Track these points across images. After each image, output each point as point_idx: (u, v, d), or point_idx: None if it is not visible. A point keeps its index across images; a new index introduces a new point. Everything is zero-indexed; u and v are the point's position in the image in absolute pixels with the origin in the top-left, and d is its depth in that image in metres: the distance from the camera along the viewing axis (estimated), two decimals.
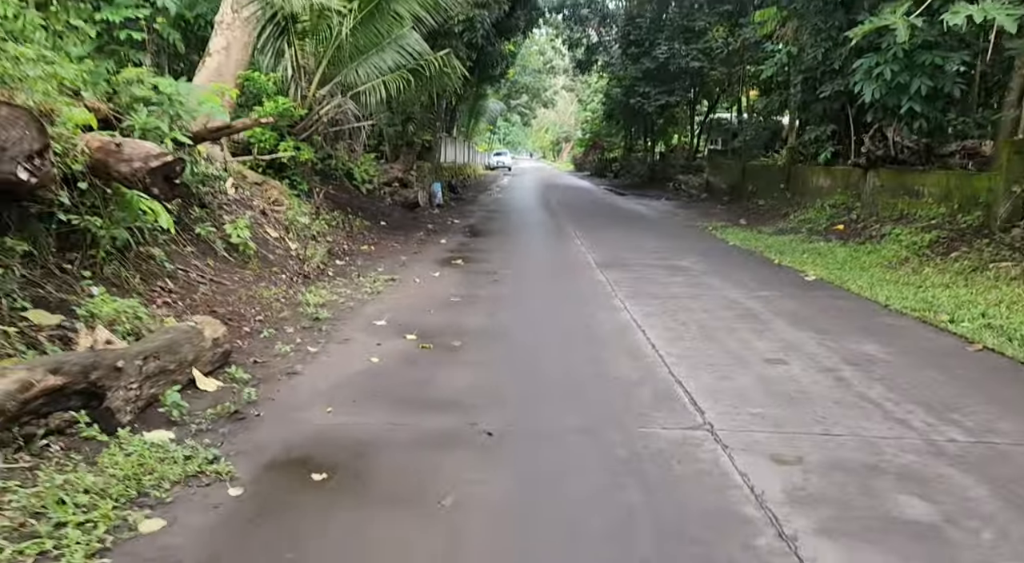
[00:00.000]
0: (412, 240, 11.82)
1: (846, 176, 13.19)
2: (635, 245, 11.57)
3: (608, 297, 7.31)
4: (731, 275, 8.66)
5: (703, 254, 10.47)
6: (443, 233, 13.11)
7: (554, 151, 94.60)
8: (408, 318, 6.27)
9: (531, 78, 57.59)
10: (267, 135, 10.32)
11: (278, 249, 8.39)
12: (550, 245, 11.97)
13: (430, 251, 10.72)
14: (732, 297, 7.31)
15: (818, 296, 7.36)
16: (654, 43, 26.82)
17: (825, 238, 11.48)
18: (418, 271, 8.85)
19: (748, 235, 12.54)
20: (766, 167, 17.76)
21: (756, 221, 15.06)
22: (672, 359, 5.01)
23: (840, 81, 12.46)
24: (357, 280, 7.97)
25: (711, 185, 22.99)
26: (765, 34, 13.57)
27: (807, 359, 5.03)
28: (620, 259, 9.98)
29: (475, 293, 7.51)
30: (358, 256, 9.86)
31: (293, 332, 5.55)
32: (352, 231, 11.44)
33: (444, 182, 23.71)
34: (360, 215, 12.89)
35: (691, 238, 12.69)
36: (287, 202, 10.10)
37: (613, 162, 43.30)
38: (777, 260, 9.74)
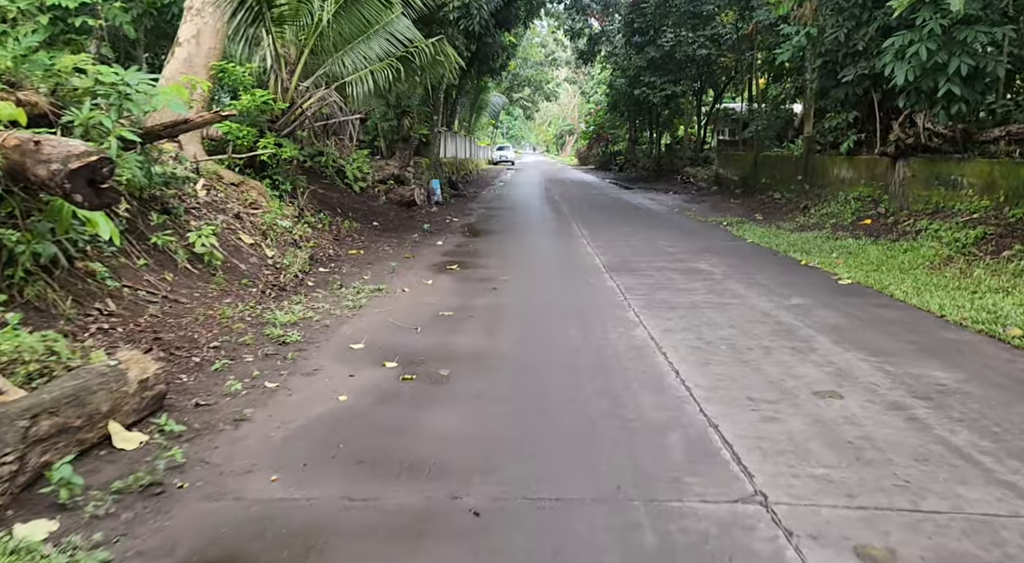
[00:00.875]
0: (406, 242, 10.98)
1: (871, 166, 12.28)
2: (646, 244, 10.70)
3: (621, 308, 6.46)
4: (756, 279, 7.79)
5: (721, 254, 9.60)
6: (440, 233, 12.27)
7: (558, 145, 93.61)
8: (391, 339, 5.44)
9: (533, 71, 56.63)
10: (245, 131, 9.48)
11: (252, 257, 7.57)
12: (554, 246, 11.12)
13: (424, 254, 9.88)
14: (761, 307, 6.45)
15: (859, 304, 6.49)
16: (659, 31, 25.83)
17: (852, 234, 10.58)
18: (409, 279, 8.01)
19: (767, 232, 11.65)
20: (781, 158, 16.83)
21: (773, 216, 14.15)
22: (702, 392, 4.16)
23: (864, 64, 11.54)
24: (339, 291, 7.14)
25: (721, 177, 22.07)
26: (780, 15, 12.64)
27: (865, 390, 4.17)
28: (631, 261, 9.13)
29: (470, 305, 6.67)
30: (344, 262, 9.03)
31: (253, 361, 4.72)
32: (340, 234, 10.62)
33: (444, 178, 22.88)
34: (350, 216, 12.06)
35: (706, 236, 11.81)
36: (267, 204, 9.28)
37: (618, 155, 42.34)
38: (804, 260, 8.86)
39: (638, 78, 27.08)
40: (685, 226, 13.36)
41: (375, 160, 16.87)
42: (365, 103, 10.91)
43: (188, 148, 9.14)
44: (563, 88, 71.10)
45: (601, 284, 7.70)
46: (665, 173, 29.92)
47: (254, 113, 9.65)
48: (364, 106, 11.61)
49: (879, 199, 11.62)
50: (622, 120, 39.38)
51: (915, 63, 8.88)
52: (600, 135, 47.21)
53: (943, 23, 8.61)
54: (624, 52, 30.02)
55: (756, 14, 14.67)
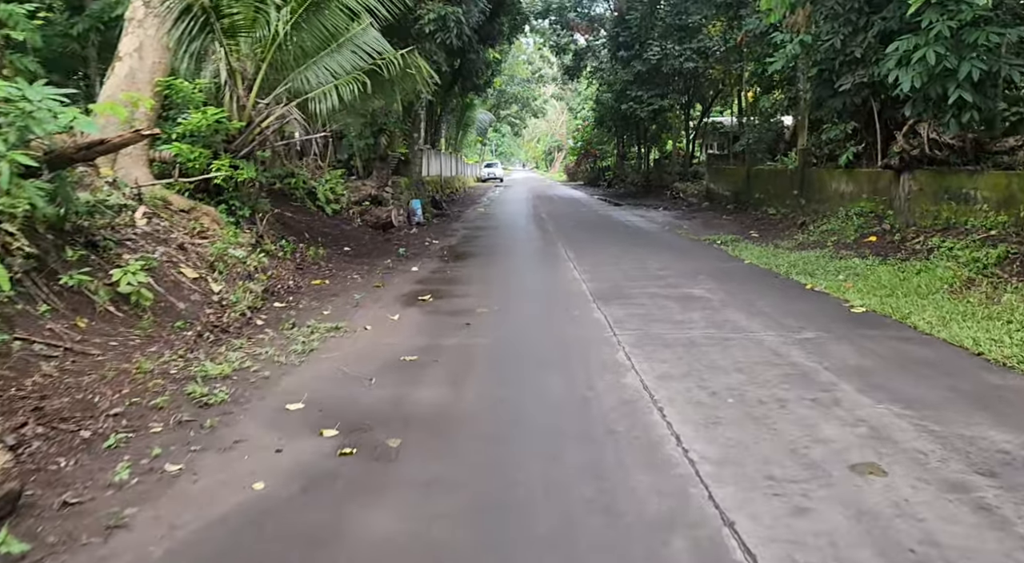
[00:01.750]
0: (377, 269, 10.15)
1: (872, 180, 11.60)
2: (637, 267, 9.92)
3: (609, 347, 5.65)
4: (758, 307, 7.01)
5: (718, 277, 8.83)
6: (416, 258, 11.45)
7: (546, 161, 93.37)
8: (338, 394, 4.60)
9: (520, 87, 56.36)
10: (196, 153, 8.67)
11: (194, 294, 6.72)
12: (538, 271, 10.32)
13: (396, 283, 9.06)
14: (769, 343, 5.65)
15: (879, 338, 5.71)
16: (645, 44, 25.34)
17: (857, 253, 9.85)
18: (374, 313, 7.18)
19: (765, 251, 10.90)
20: (774, 172, 16.18)
21: (769, 233, 13.44)
22: (709, 467, 3.34)
23: (862, 71, 10.90)
24: (289, 331, 6.29)
25: (712, 193, 21.42)
26: (772, 23, 12.02)
27: (912, 462, 3.36)
28: (621, 287, 8.34)
29: (438, 346, 5.84)
30: (305, 294, 8.18)
31: (160, 433, 3.86)
32: (304, 262, 9.78)
33: (427, 198, 22.13)
34: (319, 241, 11.23)
35: (700, 256, 11.06)
36: (220, 232, 8.44)
37: (606, 171, 41.80)
38: (809, 284, 8.10)
39: (625, 92, 26.54)
40: (677, 245, 12.61)
41: (351, 181, 16.09)
42: (331, 120, 10.14)
43: (131, 172, 8.32)
44: (550, 104, 70.94)
45: (588, 316, 6.89)
46: (654, 188, 29.31)
47: (207, 133, 8.84)
48: (330, 123, 10.83)
49: (883, 215, 10.92)
50: (610, 135, 38.89)
51: (922, 68, 8.21)
52: (588, 151, 46.74)
53: (951, 25, 7.95)
54: (610, 66, 29.54)
55: (746, 23, 14.08)
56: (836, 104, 11.72)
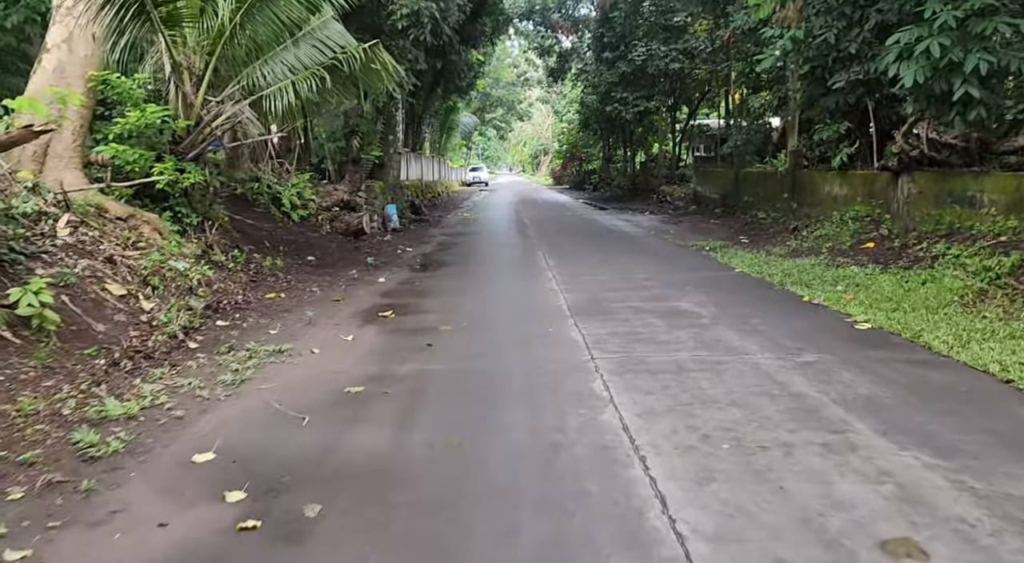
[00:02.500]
0: (341, 281, 9.39)
1: (868, 182, 10.99)
2: (620, 277, 9.24)
3: (586, 374, 4.94)
4: (753, 324, 6.33)
5: (707, 289, 8.16)
6: (385, 268, 10.70)
7: (533, 165, 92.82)
8: (260, 439, 3.86)
9: (505, 91, 55.75)
10: (136, 154, 7.88)
11: (118, 314, 5.93)
12: (515, 281, 9.61)
13: (358, 296, 8.31)
14: (767, 367, 4.97)
15: (891, 361, 5.04)
16: (630, 45, 24.76)
17: (855, 260, 9.22)
18: (326, 333, 6.44)
19: (756, 258, 10.25)
20: (764, 175, 15.59)
21: (760, 239, 12.82)
22: (704, 547, 2.64)
23: (857, 68, 10.30)
24: (224, 356, 5.54)
25: (699, 196, 20.83)
26: (761, 18, 11.42)
27: (957, 538, 2.67)
28: (602, 300, 7.64)
29: (391, 374, 5.11)
30: (254, 310, 7.41)
31: (19, 500, 3.10)
32: (260, 274, 9.00)
33: (405, 202, 21.37)
34: (280, 250, 10.46)
35: (687, 264, 10.39)
36: (161, 241, 7.66)
37: (592, 174, 41.22)
38: (806, 296, 7.44)
39: (609, 94, 25.92)
40: (663, 252, 11.94)
41: (322, 185, 15.33)
42: (288, 119, 9.39)
43: (61, 176, 7.52)
44: (536, 108, 70.42)
45: (564, 335, 6.18)
46: (640, 192, 28.72)
47: (149, 133, 8.06)
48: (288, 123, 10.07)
49: (880, 219, 10.31)
50: (595, 138, 38.32)
51: (925, 62, 7.59)
52: (574, 154, 46.14)
53: (957, 15, 7.34)
54: (595, 68, 28.96)
55: (734, 19, 13.48)
56: (829, 103, 11.12)
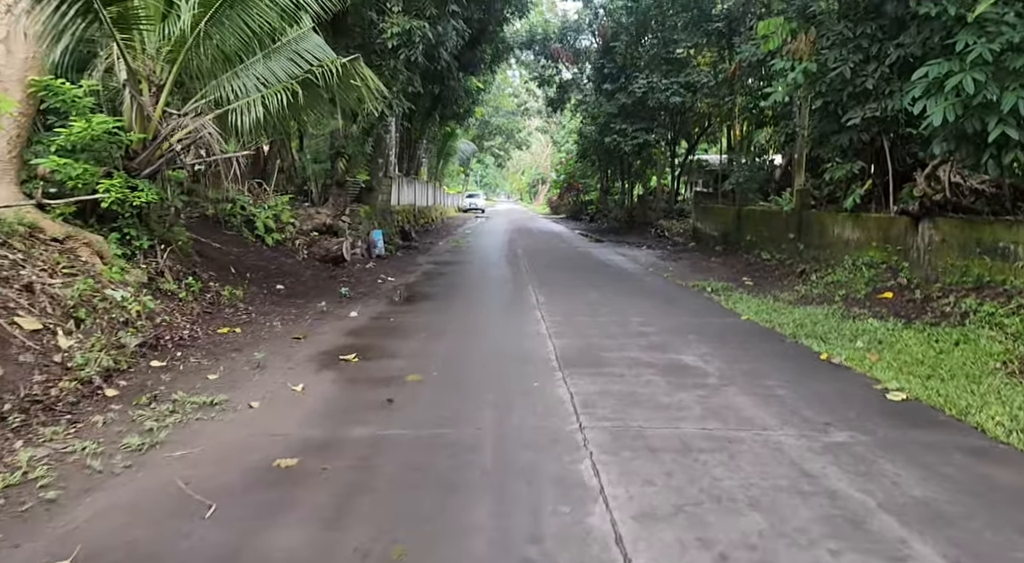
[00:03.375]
0: (308, 314, 8.52)
1: (883, 227, 10.25)
2: (616, 320, 8.40)
3: (572, 452, 4.07)
4: (768, 386, 5.49)
5: (712, 338, 7.33)
6: (360, 300, 9.83)
7: (530, 193, 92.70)
8: (140, 539, 2.97)
9: (504, 119, 55.57)
10: (80, 169, 7.06)
11: (26, 353, 5.05)
12: (500, 321, 8.75)
13: (322, 334, 7.44)
14: (790, 449, 4.11)
15: (940, 448, 4.18)
16: (630, 76, 24.32)
17: (872, 312, 8.41)
18: (273, 381, 5.55)
19: (764, 305, 9.44)
20: (768, 213, 14.88)
21: (765, 281, 12.03)
22: None
23: (873, 105, 9.64)
24: (142, 411, 4.64)
25: (699, 232, 20.13)
26: (770, 50, 10.82)
27: None
28: (596, 348, 6.79)
29: (337, 442, 4.24)
30: (199, 348, 6.53)
31: None
32: (217, 305, 8.13)
33: (395, 228, 20.64)
34: (246, 278, 9.61)
35: (689, 307, 9.57)
36: (101, 267, 6.80)
37: (589, 205, 40.68)
38: (824, 353, 6.60)
39: (609, 125, 25.41)
40: (663, 292, 11.13)
41: (304, 208, 14.54)
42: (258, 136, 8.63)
43: None
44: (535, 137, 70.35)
45: (550, 393, 5.31)
46: (638, 225, 28.06)
47: (99, 146, 7.26)
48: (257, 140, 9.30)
49: (897, 267, 9.54)
50: (593, 169, 37.85)
51: (955, 99, 6.90)
52: (571, 184, 45.68)
53: (993, 48, 6.67)
54: (594, 99, 28.55)
55: (740, 51, 12.89)
56: (842, 140, 10.44)
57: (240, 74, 8.34)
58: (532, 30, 32.65)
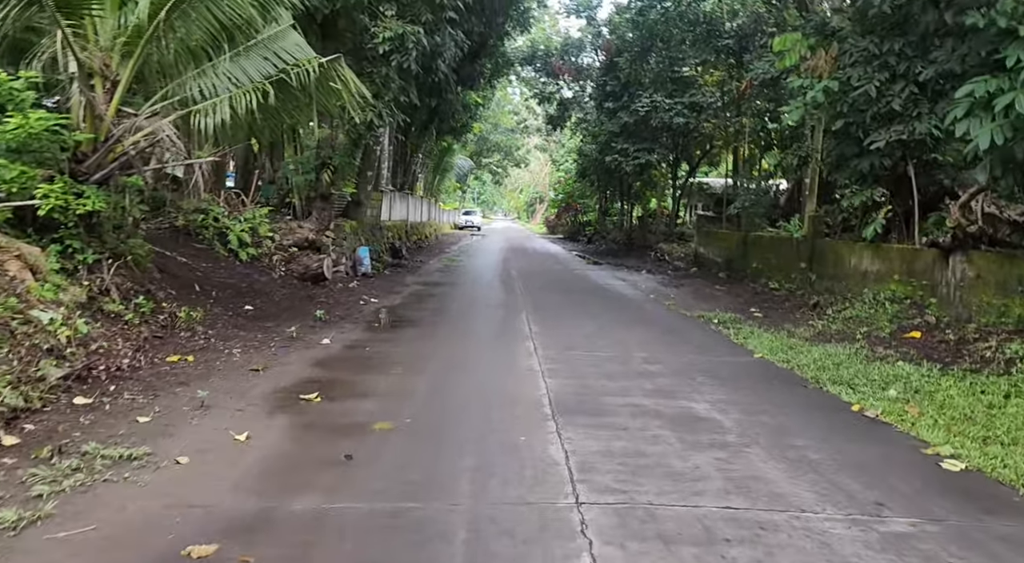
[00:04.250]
0: (274, 339, 7.66)
1: (907, 259, 9.49)
2: (616, 356, 7.57)
3: (567, 544, 3.22)
4: (797, 446, 4.65)
5: (725, 382, 6.50)
6: (336, 324, 8.98)
7: (528, 212, 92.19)
8: None
9: (503, 136, 55.10)
10: (15, 171, 6.23)
11: None
12: (489, 353, 7.90)
13: (285, 365, 6.57)
14: (839, 542, 3.27)
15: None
16: (633, 95, 23.71)
17: (900, 353, 7.59)
18: (213, 426, 4.69)
19: (777, 340, 8.62)
20: (776, 240, 14.13)
21: (775, 313, 11.22)
22: None
23: (899, 127, 8.92)
24: (36, 468, 3.76)
25: (701, 257, 19.38)
26: (786, 67, 10.13)
27: None
28: (594, 392, 5.96)
29: (272, 519, 3.38)
30: (137, 381, 5.66)
31: None
32: (171, 328, 7.26)
33: (385, 244, 19.83)
34: (211, 298, 8.76)
35: (696, 341, 8.75)
36: (31, 283, 5.94)
37: (587, 225, 40.00)
38: (857, 403, 5.77)
39: (610, 144, 24.74)
40: (666, 323, 10.30)
41: (286, 221, 13.71)
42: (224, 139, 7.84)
43: None
44: (534, 155, 69.91)
45: (540, 452, 4.46)
46: (637, 248, 27.32)
47: (38, 146, 6.44)
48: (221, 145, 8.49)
49: (923, 303, 8.76)
50: (592, 189, 37.20)
51: (1004, 120, 6.16)
52: (569, 204, 45.03)
53: None
54: (596, 117, 27.94)
55: (753, 67, 12.21)
56: (862, 165, 9.70)
57: (208, 73, 7.56)
58: (534, 46, 32.17)
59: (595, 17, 28.78)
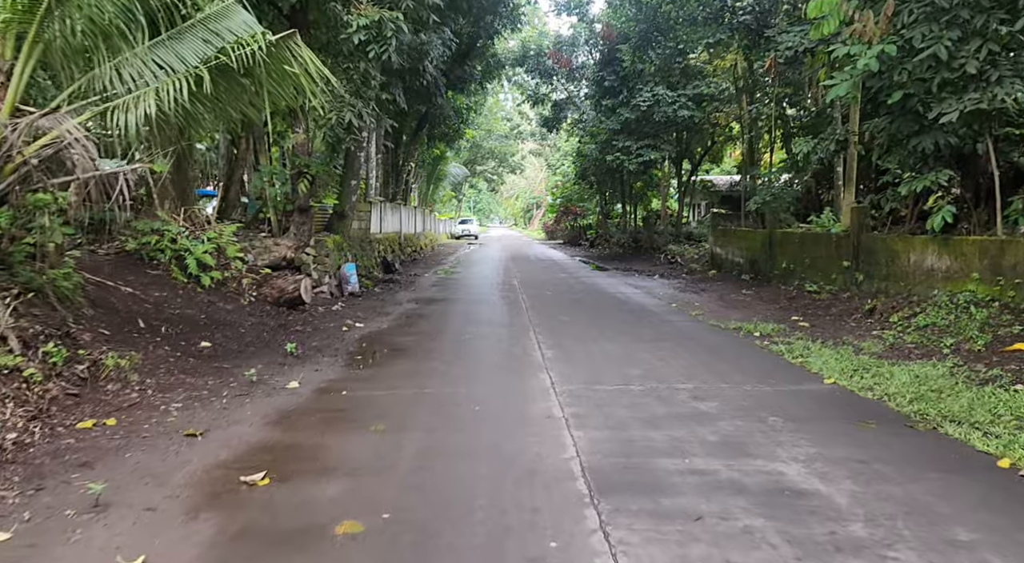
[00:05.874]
0: (229, 386, 6.15)
1: (990, 253, 7.98)
2: (655, 387, 6.07)
3: None
4: (959, 539, 3.15)
5: (806, 424, 4.99)
6: (312, 358, 7.48)
7: (525, 218, 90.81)
8: None
9: (497, 143, 53.79)
10: None
11: None
12: (495, 394, 6.38)
13: (234, 424, 5.06)
14: None
15: None
16: (634, 89, 22.30)
17: (1008, 372, 6.07)
18: (101, 542, 3.19)
19: (843, 358, 7.10)
20: (808, 236, 12.64)
21: (823, 321, 9.70)
22: None
23: (976, 95, 7.43)
24: None
25: (718, 258, 17.89)
26: (823, 35, 8.67)
27: None
28: (639, 449, 4.45)
29: None
30: (21, 465, 4.15)
31: None
32: (95, 379, 5.74)
33: (375, 259, 18.36)
34: (159, 334, 7.26)
35: (744, 363, 7.24)
36: None
37: (587, 229, 38.55)
38: (1001, 456, 4.26)
39: (611, 143, 23.31)
40: (700, 339, 8.78)
41: (260, 239, 12.22)
42: (152, 142, 6.37)
43: None
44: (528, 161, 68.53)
45: None
46: (644, 251, 25.87)
47: None
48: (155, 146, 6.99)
49: (1018, 308, 7.25)
50: (591, 192, 35.75)
51: None
52: (568, 208, 43.59)
53: None
54: (594, 116, 26.53)
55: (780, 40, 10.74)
56: (924, 144, 8.22)
57: (132, 60, 6.08)
58: (525, 47, 30.84)
59: (587, 13, 27.47)
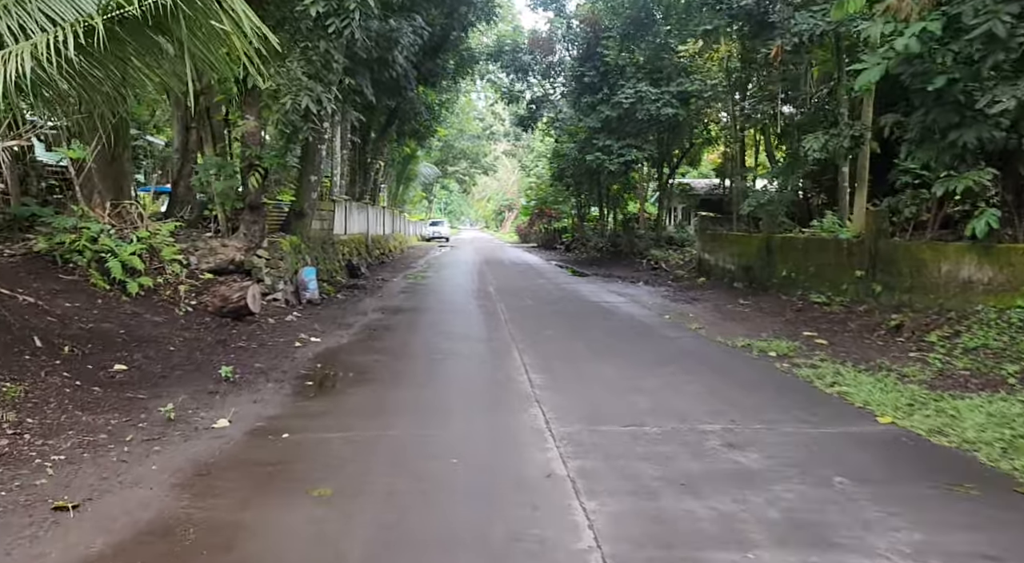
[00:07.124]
0: (136, 427, 4.79)
1: None
2: (677, 430, 4.88)
3: None
4: None
5: (884, 488, 3.86)
6: (249, 386, 6.12)
7: (496, 221, 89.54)
8: None
9: (469, 143, 52.53)
10: None
11: None
12: (474, 440, 5.12)
13: (128, 488, 3.73)
14: None
15: None
16: (615, 86, 21.25)
17: None
18: None
19: (887, 388, 6.01)
20: (814, 242, 11.64)
21: (840, 338, 8.64)
22: None
23: None
24: None
25: (706, 265, 16.88)
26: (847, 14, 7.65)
27: None
28: (681, 538, 3.25)
29: None
30: None
31: None
32: None
33: (339, 262, 16.96)
34: (60, 356, 5.85)
35: (768, 394, 6.11)
36: None
37: (563, 232, 37.47)
38: None
39: (591, 141, 22.20)
40: (710, 361, 7.63)
41: (205, 239, 10.77)
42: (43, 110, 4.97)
43: None
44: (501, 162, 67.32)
45: None
46: (623, 255, 24.81)
47: None
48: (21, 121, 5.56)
49: None
50: (567, 194, 34.65)
51: None
52: (543, 210, 42.48)
53: None
54: (572, 114, 25.43)
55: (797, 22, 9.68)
56: (966, 138, 7.21)
57: (14, 8, 4.69)
58: (500, 42, 29.66)
59: (564, 8, 26.44)
